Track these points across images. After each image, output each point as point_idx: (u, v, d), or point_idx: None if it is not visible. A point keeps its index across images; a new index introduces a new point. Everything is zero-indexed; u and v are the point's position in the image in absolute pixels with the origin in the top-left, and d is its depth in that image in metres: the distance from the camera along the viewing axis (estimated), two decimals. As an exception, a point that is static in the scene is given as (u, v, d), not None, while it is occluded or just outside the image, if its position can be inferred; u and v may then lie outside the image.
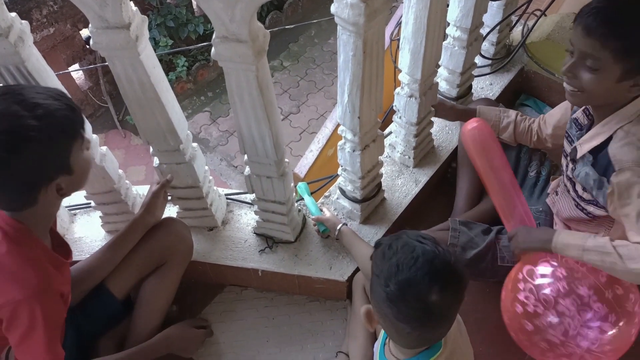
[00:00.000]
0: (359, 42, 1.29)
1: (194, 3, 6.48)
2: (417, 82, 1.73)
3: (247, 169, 1.59)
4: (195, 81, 6.66)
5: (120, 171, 1.71)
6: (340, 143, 1.65)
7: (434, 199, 1.88)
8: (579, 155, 1.44)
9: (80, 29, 5.90)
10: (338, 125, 1.63)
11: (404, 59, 1.69)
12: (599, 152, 1.37)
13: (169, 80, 1.49)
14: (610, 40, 1.23)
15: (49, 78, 1.36)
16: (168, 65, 6.35)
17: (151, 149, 1.58)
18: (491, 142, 1.59)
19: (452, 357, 1.16)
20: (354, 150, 1.61)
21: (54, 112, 1.15)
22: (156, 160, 1.62)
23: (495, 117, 1.83)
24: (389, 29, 2.71)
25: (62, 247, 1.43)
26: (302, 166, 3.90)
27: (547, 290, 1.40)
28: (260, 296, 1.88)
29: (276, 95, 1.50)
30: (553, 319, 1.38)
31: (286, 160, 1.58)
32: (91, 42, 1.26)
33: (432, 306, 0.98)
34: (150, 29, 5.93)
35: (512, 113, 1.82)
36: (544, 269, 1.44)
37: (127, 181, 1.76)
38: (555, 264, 1.42)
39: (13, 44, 1.22)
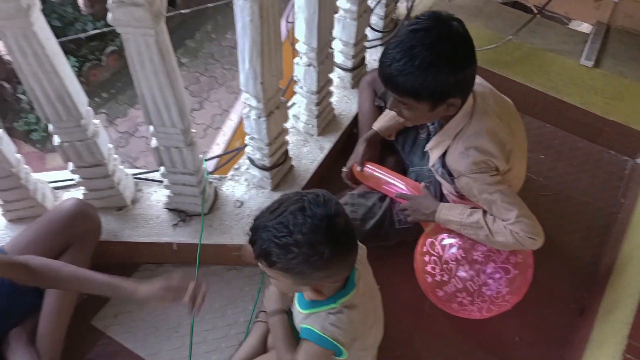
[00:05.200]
0: (255, 7, 1.36)
1: (80, 1, 6.18)
2: (314, 51, 1.82)
3: (154, 141, 1.60)
4: (88, 82, 6.34)
5: (19, 155, 1.64)
6: (245, 111, 1.70)
7: (340, 163, 1.98)
8: (430, 163, 1.61)
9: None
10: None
11: (300, 28, 1.77)
12: (444, 157, 1.54)
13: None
14: (402, 92, 1.37)
15: None
16: (56, 67, 6.01)
17: (50, 127, 1.54)
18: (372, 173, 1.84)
19: (363, 296, 1.26)
20: (259, 117, 1.67)
21: None
22: (56, 139, 1.58)
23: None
24: (284, 14, 2.79)
25: None
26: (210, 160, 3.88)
27: (448, 260, 1.58)
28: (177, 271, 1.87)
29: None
30: (457, 284, 1.57)
31: (193, 130, 1.61)
32: (-22, 11, 1.21)
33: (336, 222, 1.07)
34: (33, 29, 5.57)
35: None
36: (443, 240, 1.61)
37: (26, 166, 1.69)
38: (451, 235, 1.60)
39: None
